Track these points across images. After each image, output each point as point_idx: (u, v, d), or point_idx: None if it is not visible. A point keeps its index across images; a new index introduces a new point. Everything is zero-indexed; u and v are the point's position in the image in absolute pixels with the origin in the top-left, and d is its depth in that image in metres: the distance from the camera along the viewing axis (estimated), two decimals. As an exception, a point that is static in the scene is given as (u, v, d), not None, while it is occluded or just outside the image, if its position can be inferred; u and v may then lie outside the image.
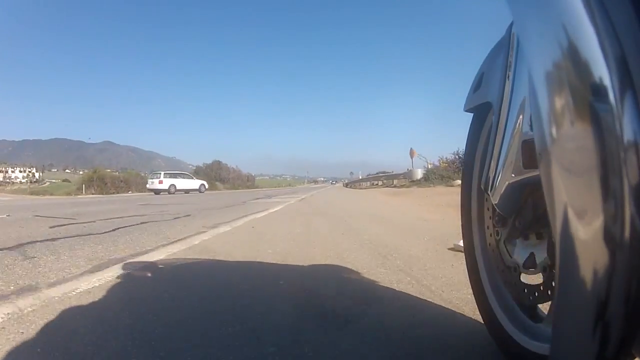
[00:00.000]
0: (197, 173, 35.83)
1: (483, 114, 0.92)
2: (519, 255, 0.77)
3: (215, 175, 37.74)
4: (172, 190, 22.39)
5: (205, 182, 26.86)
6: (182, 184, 23.58)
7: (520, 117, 0.66)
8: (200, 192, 23.89)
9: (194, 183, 24.89)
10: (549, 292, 0.68)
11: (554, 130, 0.39)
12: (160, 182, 22.62)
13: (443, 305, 1.33)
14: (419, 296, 1.44)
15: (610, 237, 0.34)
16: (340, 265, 2.02)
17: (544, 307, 0.79)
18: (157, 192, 22.41)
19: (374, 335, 1.07)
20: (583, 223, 0.37)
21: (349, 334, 1.08)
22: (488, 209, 0.89)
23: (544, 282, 0.70)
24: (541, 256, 0.72)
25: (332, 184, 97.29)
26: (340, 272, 1.87)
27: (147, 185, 23.22)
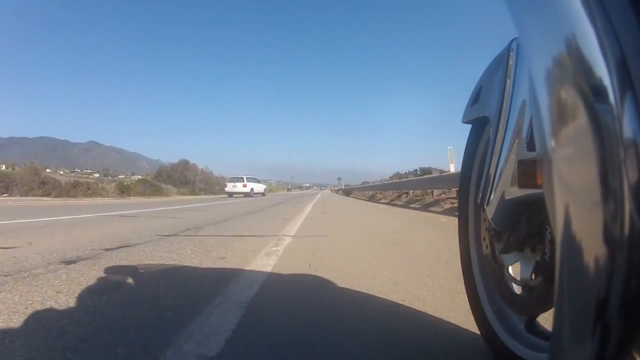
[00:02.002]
0: (160, 174, 32.37)
1: (481, 127, 0.93)
2: (515, 268, 0.77)
3: (180, 177, 32.35)
4: (251, 194, 23.73)
5: (266, 187, 27.91)
6: (257, 187, 25.33)
7: (517, 134, 0.66)
8: (263, 195, 25.18)
9: (261, 187, 26.41)
10: (545, 304, 0.68)
11: (553, 130, 0.39)
12: (245, 185, 24.05)
13: None
14: None
15: (610, 236, 0.34)
16: None
17: (543, 321, 0.79)
18: (230, 194, 23.08)
19: None
20: (583, 223, 0.37)
21: None
22: (484, 221, 0.90)
23: (539, 293, 0.70)
24: (536, 269, 0.72)
25: (321, 189, 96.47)
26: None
27: (226, 189, 24.19)
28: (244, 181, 24.37)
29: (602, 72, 0.34)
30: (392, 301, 1.55)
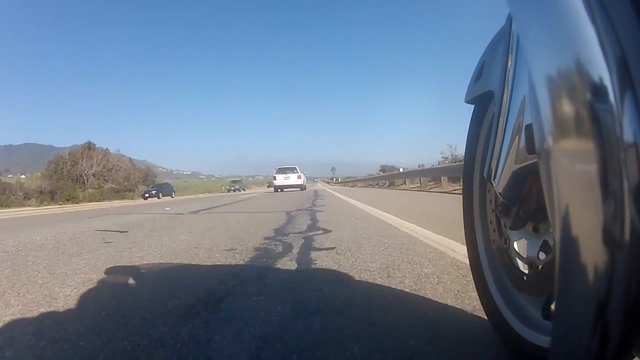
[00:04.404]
0: (58, 165, 23.18)
1: (484, 105, 0.92)
2: (523, 247, 0.76)
3: (70, 170, 21.91)
4: (302, 187, 19.49)
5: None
6: (304, 180, 21.11)
7: (523, 103, 0.65)
8: (305, 188, 20.72)
9: (305, 178, 21.88)
10: (552, 285, 0.67)
11: (553, 131, 0.39)
12: (299, 176, 19.40)
13: None
14: None
15: (610, 237, 0.34)
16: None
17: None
18: (279, 188, 18.71)
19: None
20: (583, 223, 0.37)
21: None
22: (491, 201, 0.89)
23: (547, 273, 0.69)
24: (545, 248, 0.71)
25: (314, 181, 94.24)
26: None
27: (275, 182, 19.41)
28: (297, 171, 19.18)
29: (602, 71, 0.34)
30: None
